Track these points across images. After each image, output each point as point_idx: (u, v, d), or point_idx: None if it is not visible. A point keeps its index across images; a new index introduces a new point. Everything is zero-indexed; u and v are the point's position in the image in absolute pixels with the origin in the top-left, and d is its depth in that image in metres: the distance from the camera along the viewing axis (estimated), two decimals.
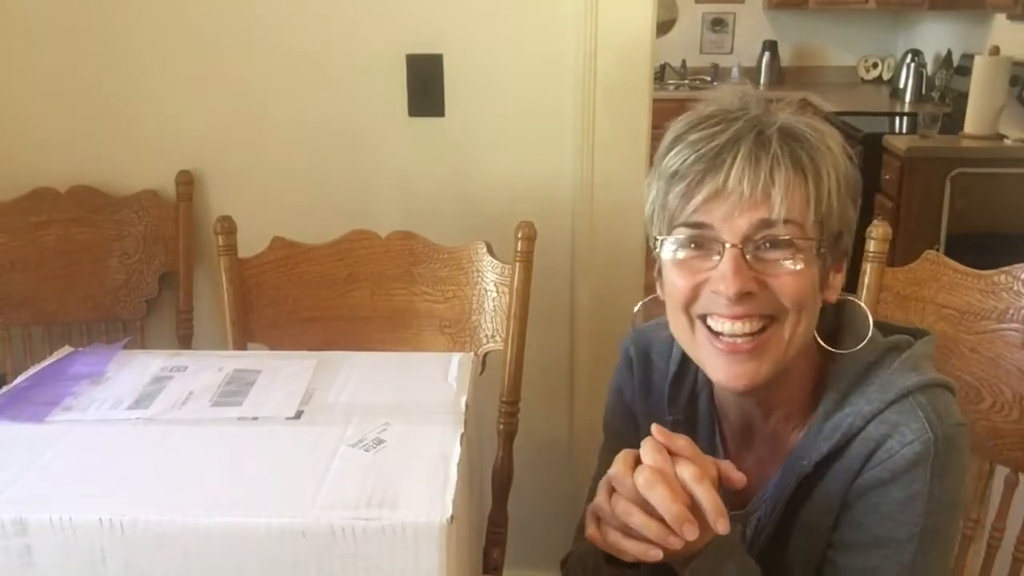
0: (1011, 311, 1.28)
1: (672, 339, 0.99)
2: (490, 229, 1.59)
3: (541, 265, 1.52)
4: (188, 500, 0.65)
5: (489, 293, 1.52)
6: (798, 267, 0.84)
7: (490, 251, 1.53)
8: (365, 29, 1.84)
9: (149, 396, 0.82)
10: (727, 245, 0.83)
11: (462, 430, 0.75)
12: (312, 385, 0.84)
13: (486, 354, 1.52)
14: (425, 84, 1.85)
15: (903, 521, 0.84)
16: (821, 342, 0.92)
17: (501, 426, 1.53)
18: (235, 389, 0.83)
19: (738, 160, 0.83)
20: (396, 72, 1.85)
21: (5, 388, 0.85)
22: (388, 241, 1.55)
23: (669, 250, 0.88)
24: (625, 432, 1.07)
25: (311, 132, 1.91)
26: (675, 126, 0.89)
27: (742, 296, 0.83)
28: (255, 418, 0.78)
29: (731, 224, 0.83)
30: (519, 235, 1.48)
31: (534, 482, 1.75)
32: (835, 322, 0.95)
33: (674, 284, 0.89)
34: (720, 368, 0.88)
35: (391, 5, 1.83)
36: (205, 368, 0.89)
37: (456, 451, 0.71)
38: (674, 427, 0.95)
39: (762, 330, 0.86)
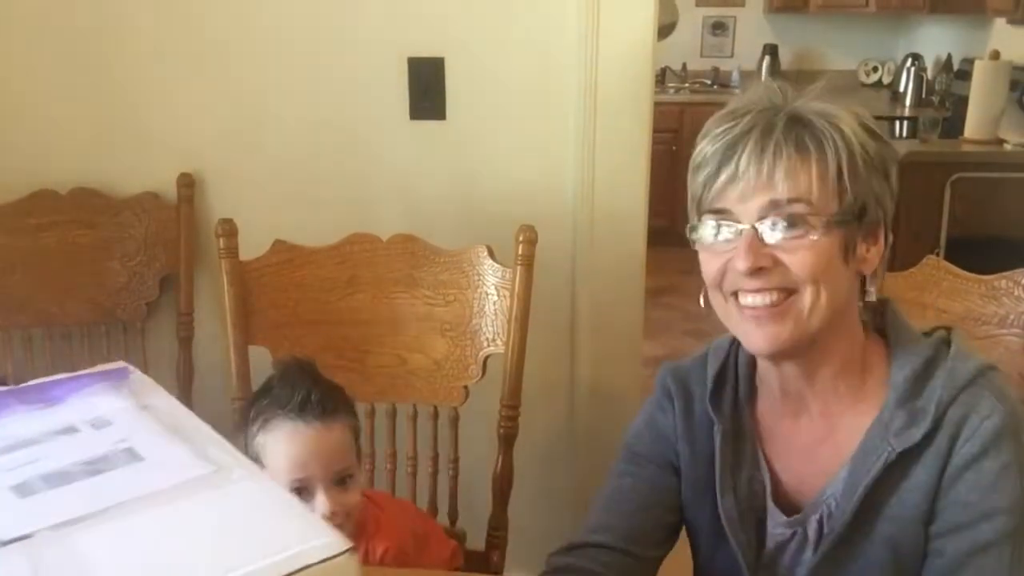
0: (1012, 316, 1.28)
1: (705, 364, 1.08)
2: (491, 233, 1.60)
3: (542, 269, 1.52)
4: None
5: (490, 296, 1.52)
6: (809, 240, 0.91)
7: (491, 255, 1.53)
8: (366, 32, 1.84)
9: None
10: (742, 226, 0.93)
11: None
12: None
13: (487, 358, 1.52)
14: (426, 87, 1.85)
15: (1003, 489, 0.90)
16: (873, 331, 1.01)
17: (501, 430, 1.53)
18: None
19: (747, 148, 0.92)
20: (397, 75, 1.85)
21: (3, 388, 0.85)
22: (389, 244, 1.56)
23: (699, 235, 0.97)
24: (649, 455, 1.11)
25: (312, 135, 1.91)
26: (706, 124, 0.98)
27: (755, 271, 0.92)
28: None
29: (745, 207, 0.93)
30: (520, 239, 1.48)
31: (534, 485, 1.76)
32: (881, 320, 1.02)
33: (705, 266, 0.98)
34: (749, 333, 0.96)
35: (392, 8, 1.83)
36: (85, 445, 0.84)
37: None
38: (723, 437, 1.04)
39: (784, 300, 0.94)
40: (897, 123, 4.30)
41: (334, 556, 0.62)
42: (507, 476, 1.54)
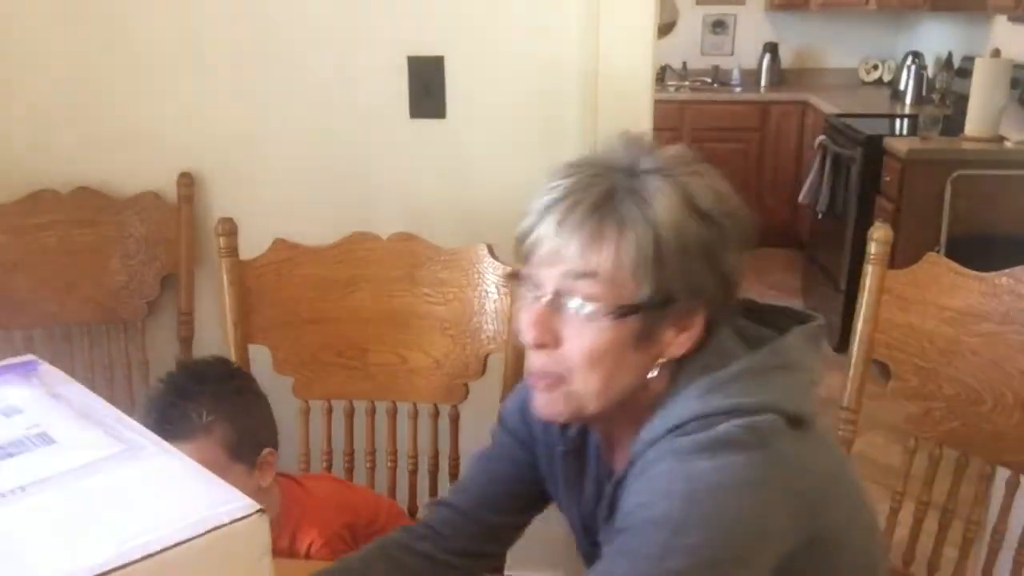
0: (1012, 313, 1.28)
1: None
2: (491, 231, 1.59)
3: None
4: None
5: (490, 295, 1.52)
6: (596, 326, 0.86)
7: (491, 253, 1.53)
8: (366, 31, 1.84)
9: None
10: (538, 293, 0.89)
11: None
12: None
13: (487, 356, 1.52)
14: (426, 86, 1.85)
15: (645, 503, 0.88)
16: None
17: None
18: None
19: (555, 215, 0.87)
20: (397, 74, 1.85)
21: None
22: (389, 243, 1.56)
23: (517, 282, 0.94)
24: (514, 429, 1.11)
25: (312, 134, 1.91)
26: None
27: (538, 346, 0.89)
28: None
29: (545, 273, 0.89)
30: None
31: None
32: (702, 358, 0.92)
33: (516, 317, 0.94)
34: (534, 397, 0.94)
35: (392, 7, 1.83)
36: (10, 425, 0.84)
37: None
38: (564, 457, 1.04)
39: (556, 379, 0.90)
40: (897, 121, 4.30)
41: (244, 517, 0.63)
42: None
